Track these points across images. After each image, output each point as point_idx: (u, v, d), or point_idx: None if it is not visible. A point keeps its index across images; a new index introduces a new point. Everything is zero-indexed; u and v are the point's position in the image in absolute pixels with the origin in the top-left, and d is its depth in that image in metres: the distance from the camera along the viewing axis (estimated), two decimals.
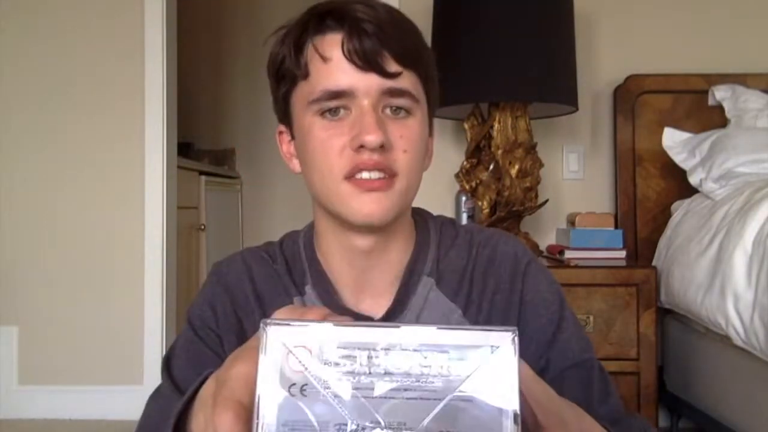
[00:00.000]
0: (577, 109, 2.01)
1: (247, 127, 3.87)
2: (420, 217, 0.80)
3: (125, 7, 2.41)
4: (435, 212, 0.84)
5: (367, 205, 0.66)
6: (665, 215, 2.11)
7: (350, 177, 0.66)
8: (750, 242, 1.48)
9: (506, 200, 1.94)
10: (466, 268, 0.75)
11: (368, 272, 0.73)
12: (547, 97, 1.90)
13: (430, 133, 0.75)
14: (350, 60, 0.64)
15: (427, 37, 2.05)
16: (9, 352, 2.39)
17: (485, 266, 0.75)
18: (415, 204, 0.81)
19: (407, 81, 0.66)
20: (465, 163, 2.06)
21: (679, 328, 1.94)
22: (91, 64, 2.41)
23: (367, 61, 0.64)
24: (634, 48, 2.31)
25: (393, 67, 0.65)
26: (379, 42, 0.64)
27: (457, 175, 2.08)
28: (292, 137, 0.74)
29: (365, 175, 0.65)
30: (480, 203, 2.01)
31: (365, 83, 0.65)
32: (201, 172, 3.13)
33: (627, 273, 1.77)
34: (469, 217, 2.13)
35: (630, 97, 2.24)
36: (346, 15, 0.65)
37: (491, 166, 1.99)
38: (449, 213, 2.23)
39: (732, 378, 1.65)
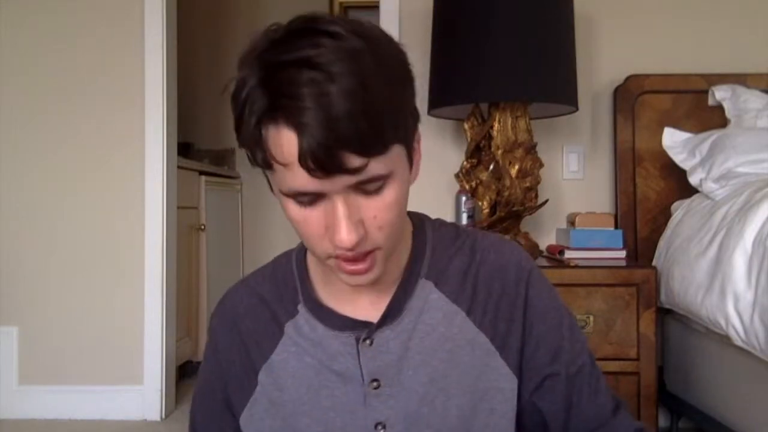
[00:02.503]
0: (577, 109, 2.01)
1: None
2: (418, 219, 0.80)
3: (125, 7, 2.41)
4: (435, 212, 0.84)
5: (354, 281, 0.68)
6: (665, 215, 2.11)
7: (334, 256, 0.66)
8: (750, 242, 1.48)
9: (506, 200, 1.94)
10: (468, 271, 0.76)
11: None
12: (547, 97, 1.89)
13: (417, 145, 0.72)
14: (307, 169, 0.58)
15: (427, 37, 2.06)
16: (9, 352, 2.39)
17: (491, 270, 0.76)
18: (416, 205, 0.81)
19: (376, 167, 0.61)
20: (465, 163, 2.06)
21: (679, 328, 1.94)
22: (91, 64, 2.42)
23: (327, 170, 0.58)
24: (634, 48, 2.31)
25: (356, 162, 0.59)
26: (335, 147, 0.57)
27: (457, 175, 2.08)
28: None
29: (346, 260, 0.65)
30: (480, 203, 2.01)
31: (330, 185, 0.60)
32: (201, 172, 3.13)
33: (627, 273, 1.77)
34: (469, 217, 2.13)
35: (630, 97, 2.24)
36: (295, 117, 0.57)
37: (491, 166, 1.99)
38: (449, 213, 2.23)
39: (732, 378, 1.64)
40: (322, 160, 0.58)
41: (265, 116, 0.60)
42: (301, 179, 0.60)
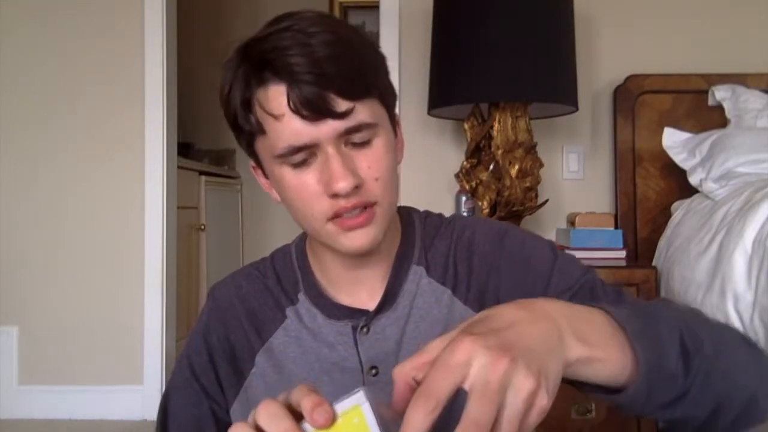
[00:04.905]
0: (577, 109, 2.01)
1: None
2: (405, 212, 0.83)
3: (125, 7, 2.41)
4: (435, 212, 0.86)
5: (354, 241, 0.68)
6: (665, 215, 2.11)
7: (333, 218, 0.68)
8: (750, 242, 1.48)
9: (506, 200, 1.94)
10: (449, 253, 0.78)
11: (361, 270, 0.76)
12: (547, 97, 1.89)
13: (396, 128, 0.76)
14: (299, 114, 0.63)
15: (427, 37, 2.05)
16: (9, 352, 2.39)
17: (468, 246, 0.78)
18: (416, 205, 0.85)
19: (362, 113, 0.66)
20: (465, 163, 2.06)
21: None
22: (91, 65, 2.42)
23: (315, 111, 0.63)
24: (634, 48, 2.31)
25: (342, 105, 0.64)
26: (321, 87, 0.63)
27: (457, 175, 2.08)
28: (266, 175, 0.74)
29: (346, 214, 0.67)
30: (480, 203, 2.01)
31: (323, 132, 0.64)
32: (201, 172, 3.13)
33: (627, 273, 1.77)
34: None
35: (630, 97, 2.24)
36: (282, 67, 0.63)
37: (491, 166, 1.99)
38: (449, 213, 2.23)
39: None
40: (311, 102, 0.63)
41: (253, 78, 0.65)
42: (294, 128, 0.64)
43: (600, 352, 0.49)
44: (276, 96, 0.64)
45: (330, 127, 0.64)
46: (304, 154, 0.66)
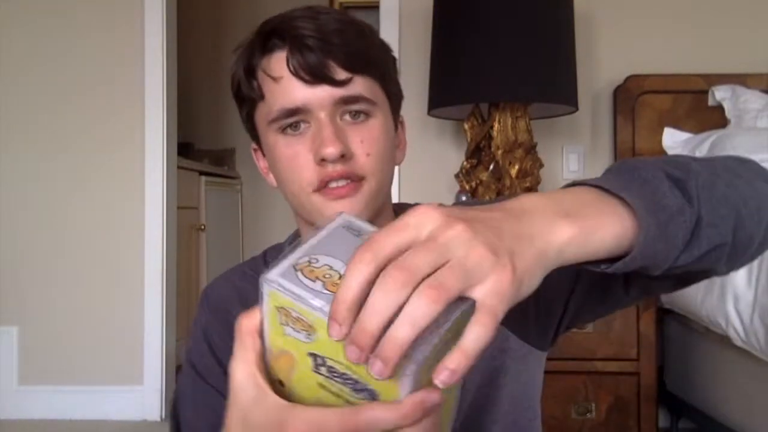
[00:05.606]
0: (577, 109, 2.01)
1: None
2: (398, 207, 0.82)
3: (125, 7, 2.41)
4: None
5: (337, 210, 0.66)
6: None
7: (319, 189, 0.67)
8: None
9: None
10: None
11: None
12: (547, 97, 1.90)
13: (399, 127, 0.76)
14: (297, 76, 0.65)
15: (427, 37, 2.05)
16: (9, 352, 2.39)
17: None
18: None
19: (359, 86, 0.67)
20: (465, 163, 2.06)
21: (679, 328, 1.94)
22: (91, 65, 2.42)
23: (313, 75, 0.65)
24: (634, 48, 2.31)
25: (341, 75, 0.66)
26: (322, 54, 0.65)
27: (457, 175, 2.08)
28: (264, 154, 0.76)
29: (333, 184, 0.67)
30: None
31: (317, 96, 0.66)
32: (201, 172, 3.13)
33: None
34: None
35: (630, 97, 2.24)
36: (288, 32, 0.66)
37: (491, 167, 1.99)
38: None
39: (732, 378, 1.64)
40: (311, 66, 0.65)
41: (260, 47, 0.68)
42: (290, 90, 0.66)
43: (591, 220, 0.44)
44: (279, 61, 0.67)
45: (326, 92, 0.65)
46: (296, 118, 0.67)
